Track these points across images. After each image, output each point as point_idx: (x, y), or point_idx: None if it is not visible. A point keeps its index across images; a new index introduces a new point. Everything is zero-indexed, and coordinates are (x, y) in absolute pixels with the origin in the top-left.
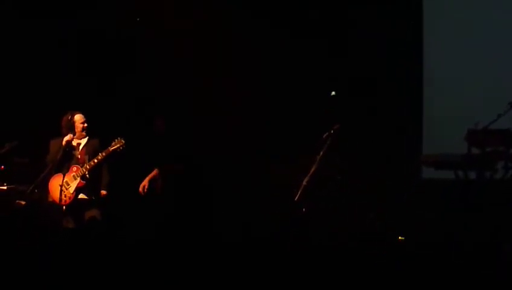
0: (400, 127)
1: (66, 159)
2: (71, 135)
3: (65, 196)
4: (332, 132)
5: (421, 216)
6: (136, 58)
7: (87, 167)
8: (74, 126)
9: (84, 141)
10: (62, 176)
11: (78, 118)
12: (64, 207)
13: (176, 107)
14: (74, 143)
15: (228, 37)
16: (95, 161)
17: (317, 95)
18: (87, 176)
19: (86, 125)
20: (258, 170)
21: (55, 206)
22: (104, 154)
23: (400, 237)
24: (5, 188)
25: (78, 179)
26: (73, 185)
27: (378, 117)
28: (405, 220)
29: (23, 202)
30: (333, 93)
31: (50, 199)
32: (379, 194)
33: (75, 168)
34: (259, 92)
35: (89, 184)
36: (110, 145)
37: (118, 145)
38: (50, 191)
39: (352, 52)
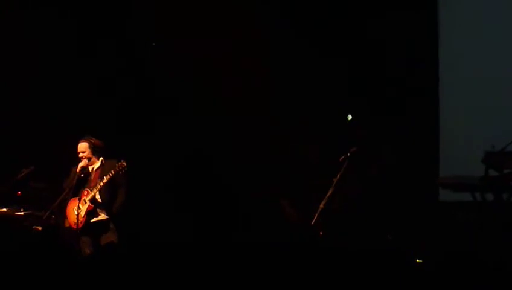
0: (417, 149)
1: (81, 184)
2: (86, 161)
3: (77, 220)
4: (349, 154)
5: (439, 238)
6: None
7: (96, 190)
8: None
9: (97, 164)
10: (77, 200)
11: (78, 147)
12: (78, 231)
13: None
14: (90, 168)
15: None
16: (101, 183)
17: (335, 118)
18: (97, 198)
19: (83, 154)
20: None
21: (72, 231)
22: (108, 176)
23: (417, 260)
24: (21, 213)
25: (88, 202)
26: (84, 209)
27: (396, 139)
28: (423, 242)
29: (40, 228)
30: (350, 117)
31: (67, 225)
32: (396, 216)
33: (85, 192)
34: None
35: (101, 206)
36: (113, 168)
37: (120, 168)
38: (67, 215)
39: (370, 76)
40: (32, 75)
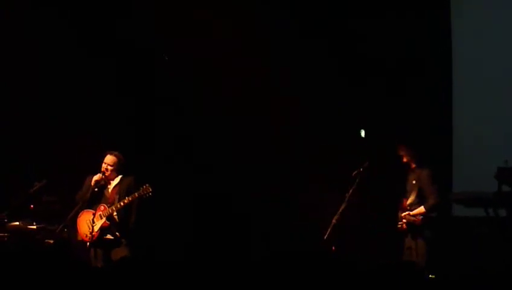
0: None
1: (96, 197)
2: (100, 175)
3: (90, 233)
4: (361, 169)
5: (452, 253)
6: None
7: (114, 208)
8: (101, 164)
9: (116, 180)
10: (91, 212)
11: (106, 159)
12: (88, 244)
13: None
14: (107, 183)
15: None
16: (122, 203)
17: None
18: (115, 216)
19: (106, 167)
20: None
21: (83, 244)
22: (130, 199)
23: (430, 275)
24: (34, 227)
25: (104, 218)
26: (98, 224)
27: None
28: (436, 257)
29: (51, 241)
30: (363, 133)
31: (79, 238)
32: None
33: (102, 207)
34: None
35: (116, 224)
36: (138, 190)
37: (146, 192)
38: (78, 226)
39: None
40: (43, 84)
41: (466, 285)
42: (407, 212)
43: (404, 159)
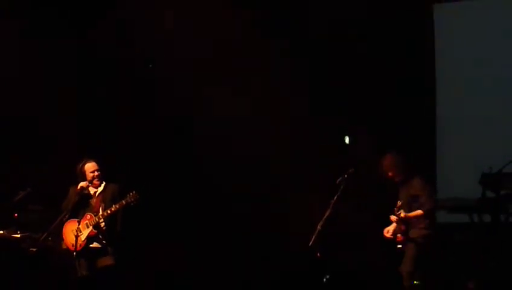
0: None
1: (81, 206)
2: (87, 182)
3: (76, 243)
4: (346, 176)
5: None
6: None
7: (100, 216)
8: (85, 175)
9: (100, 189)
10: (76, 222)
11: (89, 167)
12: (74, 253)
13: None
14: (91, 191)
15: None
16: (108, 211)
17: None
18: (101, 225)
19: (97, 174)
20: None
21: (69, 253)
22: (117, 206)
23: (415, 282)
24: (18, 235)
25: (91, 227)
26: (85, 233)
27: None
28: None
29: (35, 249)
30: (347, 140)
31: (64, 246)
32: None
33: (88, 216)
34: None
35: (102, 233)
36: (124, 197)
37: (132, 200)
38: (64, 236)
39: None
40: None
41: None
42: (403, 214)
43: (389, 174)
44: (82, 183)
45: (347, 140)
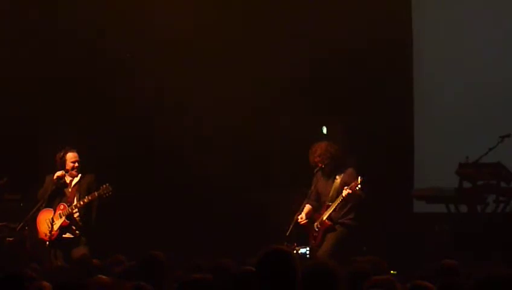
0: (391, 161)
1: (56, 196)
2: (63, 171)
3: (50, 232)
4: (323, 166)
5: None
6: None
7: (73, 207)
8: (65, 164)
9: (76, 179)
10: (51, 211)
11: (70, 156)
12: (47, 243)
13: None
14: (67, 180)
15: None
16: (81, 202)
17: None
18: (75, 216)
19: (76, 164)
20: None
21: (44, 243)
22: (90, 197)
23: (391, 271)
24: None
25: (63, 217)
26: (58, 223)
27: (370, 151)
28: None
29: (11, 239)
30: (325, 130)
31: (40, 237)
32: (371, 228)
33: (62, 207)
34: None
35: (75, 223)
36: (98, 189)
37: (105, 192)
38: (37, 225)
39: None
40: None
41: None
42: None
43: (315, 159)
44: (58, 173)
45: (325, 130)
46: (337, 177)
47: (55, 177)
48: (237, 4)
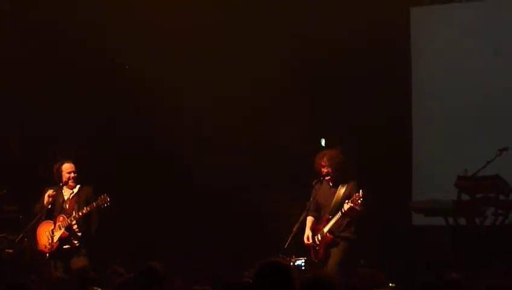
0: (390, 174)
1: (55, 208)
2: (52, 191)
3: (49, 244)
4: (322, 178)
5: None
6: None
7: (72, 218)
8: (62, 175)
9: (75, 190)
10: (51, 223)
11: (66, 167)
12: (47, 255)
13: None
14: (64, 192)
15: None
16: (80, 213)
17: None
18: (74, 227)
19: (73, 175)
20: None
21: (43, 254)
22: (88, 208)
23: (390, 284)
24: None
25: (63, 229)
26: (57, 235)
27: (369, 164)
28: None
29: (11, 251)
30: (323, 142)
31: (39, 248)
32: (369, 241)
33: (61, 218)
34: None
35: (75, 234)
36: (96, 200)
37: (103, 202)
38: (37, 237)
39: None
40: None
41: None
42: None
43: (324, 170)
44: (49, 192)
45: (323, 143)
46: (340, 187)
47: (46, 197)
48: (237, 4)
